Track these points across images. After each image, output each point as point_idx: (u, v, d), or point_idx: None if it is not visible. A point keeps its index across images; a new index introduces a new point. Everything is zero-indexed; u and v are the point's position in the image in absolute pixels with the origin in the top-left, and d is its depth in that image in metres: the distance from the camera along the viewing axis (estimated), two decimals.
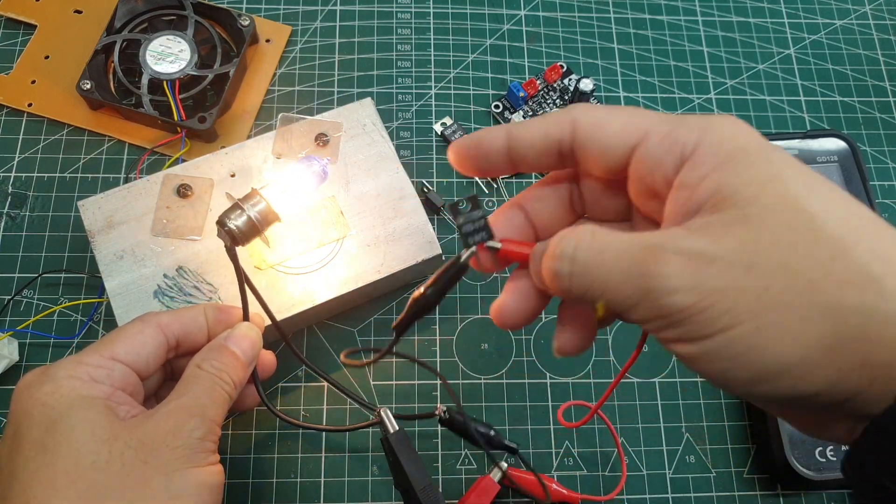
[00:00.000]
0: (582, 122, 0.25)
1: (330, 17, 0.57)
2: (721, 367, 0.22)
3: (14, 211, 0.50)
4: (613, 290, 0.23)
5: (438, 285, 0.29)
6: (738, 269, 0.21)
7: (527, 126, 0.27)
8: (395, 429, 0.39)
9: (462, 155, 0.29)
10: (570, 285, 0.24)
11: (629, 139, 0.24)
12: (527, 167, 0.28)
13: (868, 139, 0.56)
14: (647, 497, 0.45)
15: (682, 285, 0.21)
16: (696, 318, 0.21)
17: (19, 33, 0.55)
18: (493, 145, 0.27)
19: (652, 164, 0.24)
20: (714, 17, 0.59)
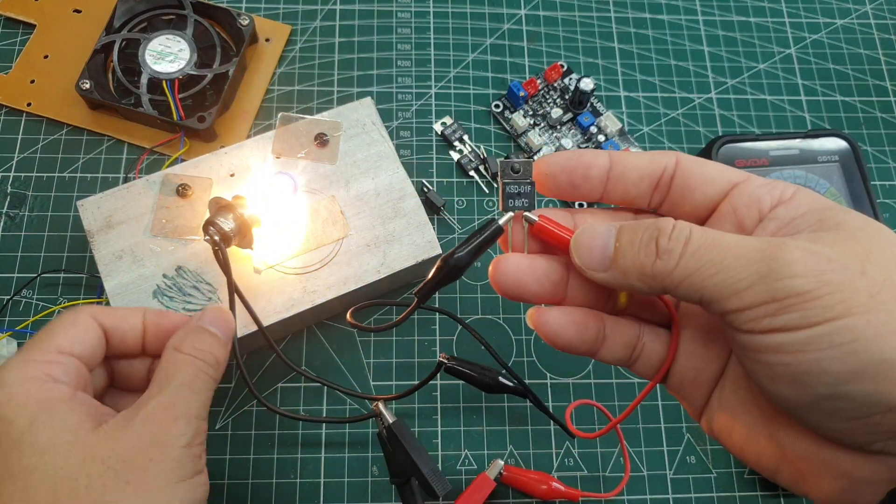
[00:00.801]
0: (686, 157, 0.28)
1: (330, 16, 0.57)
2: (820, 357, 0.22)
3: (13, 211, 0.49)
4: (727, 271, 0.23)
5: (471, 248, 0.28)
6: (853, 271, 0.22)
7: (631, 152, 0.29)
8: (394, 419, 0.40)
9: (560, 167, 0.29)
10: (676, 265, 0.24)
11: (732, 178, 0.27)
12: (619, 193, 0.29)
13: (869, 139, 0.56)
14: (647, 497, 0.45)
15: (805, 271, 0.22)
16: (811, 304, 0.22)
17: (18, 32, 0.55)
18: (597, 161, 0.28)
19: (750, 199, 0.27)
20: (715, 17, 0.59)
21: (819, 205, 0.25)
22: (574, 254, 0.27)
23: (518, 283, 0.28)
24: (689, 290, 0.24)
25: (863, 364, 0.22)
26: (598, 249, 0.26)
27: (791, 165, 0.51)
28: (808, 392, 0.23)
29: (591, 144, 0.53)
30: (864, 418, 0.22)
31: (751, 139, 0.52)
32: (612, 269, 0.26)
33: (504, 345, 0.48)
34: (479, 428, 0.46)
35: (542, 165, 0.29)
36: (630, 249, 0.25)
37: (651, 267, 0.25)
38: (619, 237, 0.26)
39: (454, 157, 0.53)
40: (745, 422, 0.27)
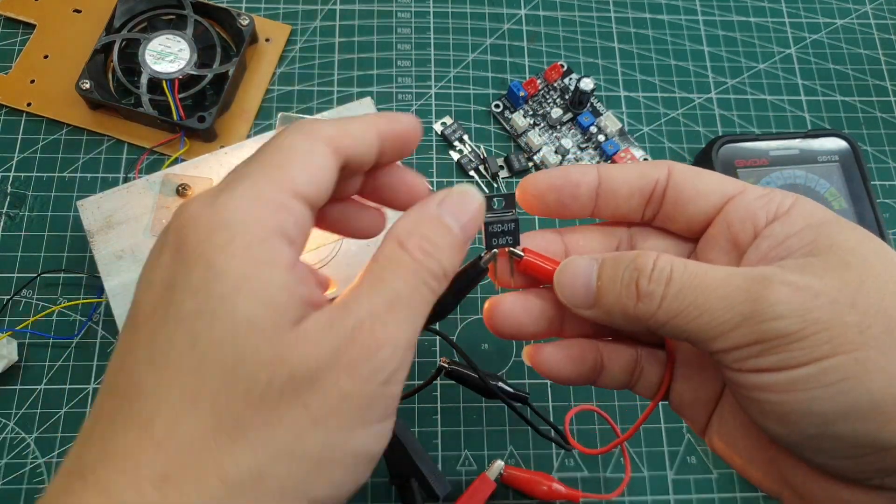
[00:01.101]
0: (678, 168, 0.27)
1: (329, 16, 0.57)
2: (808, 397, 0.21)
3: (13, 211, 0.49)
4: (710, 313, 0.23)
5: (454, 289, 0.26)
6: (842, 305, 0.21)
7: (620, 166, 0.28)
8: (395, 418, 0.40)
9: (547, 186, 0.28)
10: (658, 307, 0.23)
11: (727, 190, 0.26)
12: (610, 209, 0.28)
13: (869, 139, 0.56)
14: (648, 498, 0.45)
15: (790, 312, 0.21)
16: (797, 345, 0.21)
17: (18, 32, 0.55)
18: (585, 178, 0.27)
19: (744, 214, 0.26)
20: (715, 17, 0.59)
21: (816, 219, 0.24)
22: (558, 291, 0.26)
23: (515, 324, 0.28)
24: (675, 331, 0.24)
25: (851, 404, 0.21)
26: (580, 287, 0.26)
27: (791, 165, 0.51)
28: (797, 431, 0.22)
29: (591, 144, 0.53)
30: (857, 458, 0.22)
31: (751, 139, 0.52)
32: (596, 307, 0.25)
33: (504, 346, 0.48)
34: (479, 428, 0.46)
35: (528, 186, 0.28)
36: (612, 289, 0.25)
37: (633, 309, 0.24)
38: (600, 274, 0.25)
39: (454, 157, 0.53)
40: (746, 446, 0.26)
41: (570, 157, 0.53)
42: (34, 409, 0.44)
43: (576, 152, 0.53)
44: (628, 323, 0.25)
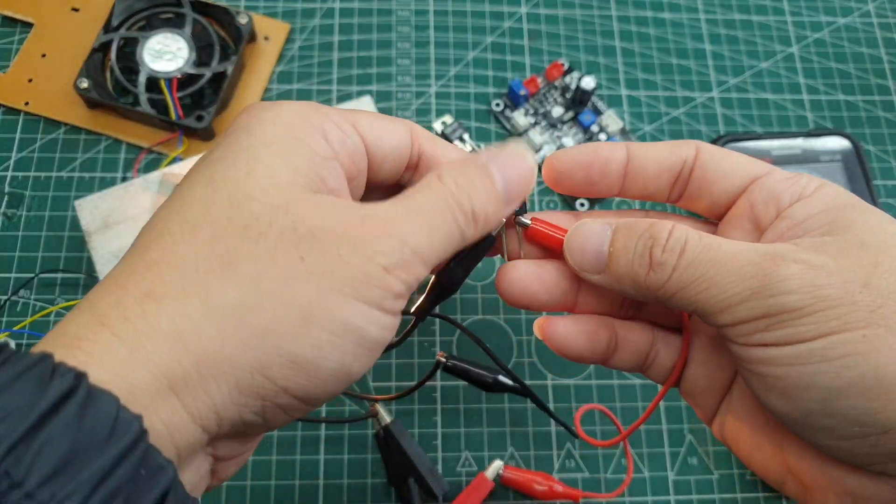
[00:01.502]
0: (706, 148, 0.27)
1: (329, 14, 0.57)
2: (811, 370, 0.21)
3: (10, 210, 0.49)
4: (720, 286, 0.22)
5: (463, 260, 0.26)
6: (854, 284, 0.21)
7: (649, 144, 0.27)
8: (391, 419, 0.40)
9: (575, 163, 0.27)
10: (669, 278, 0.23)
11: (754, 170, 0.26)
12: (637, 188, 0.28)
13: (872, 138, 0.55)
14: (649, 499, 0.45)
15: (800, 287, 0.21)
16: (806, 320, 0.21)
17: (16, 31, 0.54)
18: (615, 155, 0.27)
19: (769, 195, 0.26)
20: (717, 15, 0.59)
21: (838, 202, 0.24)
22: (567, 254, 0.26)
23: (526, 293, 0.27)
24: (682, 302, 0.24)
25: (855, 379, 0.21)
26: (591, 251, 0.25)
27: (793, 165, 0.51)
28: (800, 406, 0.22)
29: None
30: (860, 438, 0.22)
31: (753, 138, 0.52)
32: (606, 273, 0.25)
33: (504, 346, 0.48)
34: (479, 429, 0.46)
35: (555, 162, 0.28)
36: (624, 256, 0.25)
37: (644, 278, 0.24)
38: (613, 241, 0.25)
39: None
40: (752, 431, 0.26)
41: None
42: None
43: None
44: (636, 291, 0.25)
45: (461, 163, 0.24)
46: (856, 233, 0.23)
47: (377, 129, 0.25)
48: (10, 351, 0.18)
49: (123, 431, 0.18)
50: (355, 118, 0.25)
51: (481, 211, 0.24)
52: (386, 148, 0.25)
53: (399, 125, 0.26)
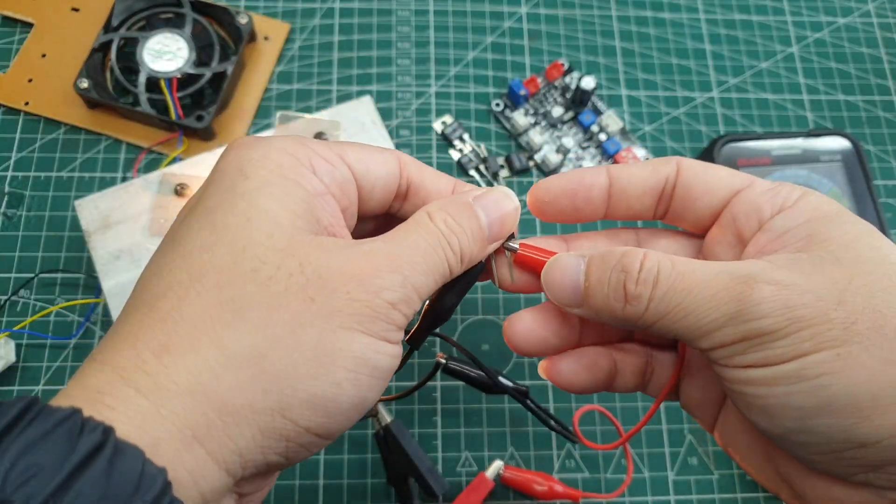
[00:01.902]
0: (686, 164, 0.27)
1: (329, 14, 0.57)
2: (787, 391, 0.22)
3: (10, 210, 0.49)
4: (696, 314, 0.23)
5: (455, 289, 0.27)
6: (828, 302, 0.22)
7: (629, 165, 0.28)
8: (391, 419, 0.40)
9: (560, 191, 0.28)
10: (646, 310, 0.24)
11: (735, 184, 0.27)
12: (622, 209, 0.28)
13: (872, 138, 0.55)
14: (649, 499, 0.45)
15: (773, 311, 0.22)
16: (781, 343, 0.22)
17: (16, 31, 0.54)
18: (597, 180, 0.27)
19: (750, 208, 0.26)
20: (717, 15, 0.59)
21: (819, 213, 0.24)
22: (546, 289, 0.26)
23: (536, 341, 0.28)
24: (662, 331, 0.24)
25: (828, 399, 0.21)
26: (568, 286, 0.26)
27: (794, 165, 0.51)
28: (779, 424, 0.22)
29: (592, 143, 0.53)
30: (838, 452, 0.22)
31: (753, 138, 0.51)
32: (585, 306, 0.25)
33: (504, 345, 0.47)
34: (479, 429, 0.46)
35: (539, 192, 0.28)
36: (599, 291, 0.25)
37: (621, 311, 0.24)
38: (587, 274, 0.25)
39: (454, 157, 0.53)
40: (746, 442, 0.27)
41: (571, 156, 0.53)
42: None
43: (577, 151, 0.53)
44: (616, 322, 0.25)
45: (450, 203, 0.26)
46: (831, 248, 0.23)
47: (365, 160, 0.26)
48: (40, 406, 0.18)
49: (149, 485, 0.18)
50: (342, 150, 0.25)
51: (468, 250, 0.25)
52: (374, 178, 0.26)
53: (386, 155, 0.26)
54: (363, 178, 0.26)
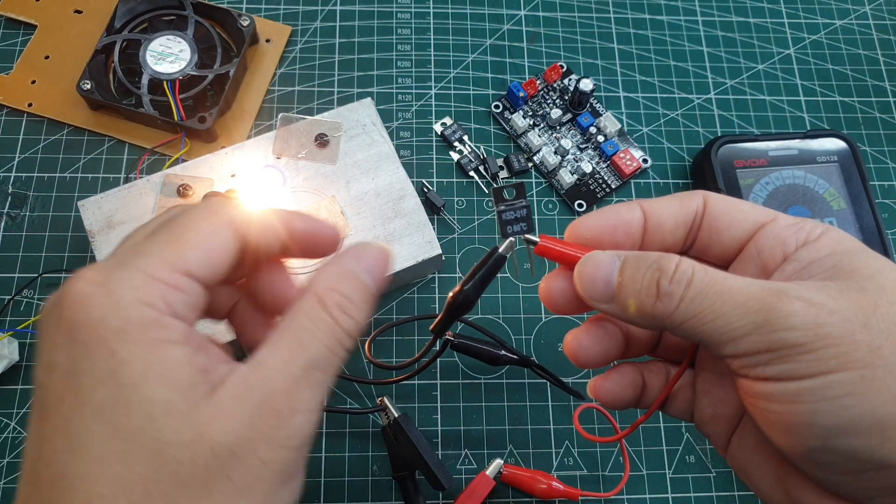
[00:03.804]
0: (713, 198, 0.28)
1: (330, 17, 0.57)
2: (811, 409, 0.22)
3: (14, 211, 0.50)
4: (725, 318, 0.23)
5: (476, 280, 0.28)
6: (854, 324, 0.22)
7: (660, 199, 0.28)
8: (400, 413, 0.41)
9: (602, 229, 0.28)
10: (676, 308, 0.24)
11: (759, 217, 0.27)
12: (657, 242, 0.28)
13: (868, 139, 0.56)
14: (647, 497, 0.45)
15: (803, 324, 0.22)
16: (807, 357, 0.22)
17: (19, 33, 0.55)
18: (633, 215, 0.28)
19: (775, 241, 0.27)
20: (714, 17, 0.59)
21: (842, 248, 0.25)
22: (577, 282, 0.27)
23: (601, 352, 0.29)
24: (688, 333, 0.24)
25: (854, 419, 0.22)
26: (601, 281, 0.26)
27: (790, 166, 0.51)
28: (801, 443, 0.23)
29: (590, 145, 0.54)
30: (858, 473, 0.22)
31: (750, 139, 0.52)
32: (614, 302, 0.26)
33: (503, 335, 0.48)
34: (479, 427, 0.46)
35: (581, 230, 0.28)
36: (632, 286, 0.25)
37: (651, 307, 0.25)
38: (622, 270, 0.26)
39: (454, 158, 0.53)
40: (756, 464, 0.27)
41: (570, 158, 0.53)
42: None
43: (575, 153, 0.53)
44: (643, 320, 0.25)
45: (335, 276, 0.25)
46: (856, 278, 0.24)
47: (200, 258, 0.24)
48: None
49: None
50: (185, 261, 0.24)
51: (362, 320, 0.25)
52: (221, 270, 0.25)
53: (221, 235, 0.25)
54: (211, 277, 0.25)
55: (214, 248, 0.24)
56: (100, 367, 0.22)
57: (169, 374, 0.22)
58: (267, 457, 0.22)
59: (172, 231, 0.24)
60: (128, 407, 0.22)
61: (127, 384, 0.22)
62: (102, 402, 0.22)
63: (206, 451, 0.22)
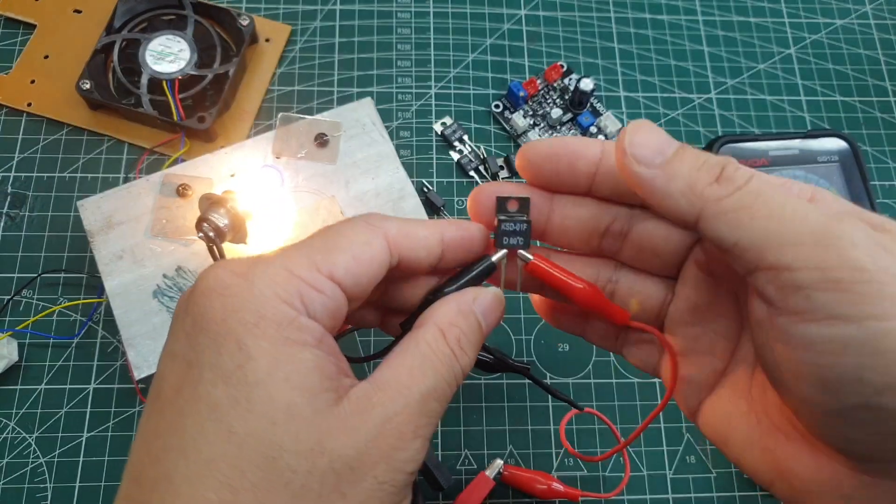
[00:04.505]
0: None
1: (329, 16, 0.57)
2: (859, 363, 0.19)
3: (13, 211, 0.49)
4: (779, 219, 0.21)
5: (458, 284, 0.26)
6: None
7: None
8: None
9: (546, 153, 0.26)
10: (731, 195, 0.22)
11: None
12: (608, 186, 0.26)
13: (869, 139, 0.56)
14: (647, 497, 0.45)
15: (866, 246, 0.20)
16: (865, 289, 0.19)
17: (18, 33, 0.55)
18: (588, 151, 0.26)
19: None
20: (715, 17, 0.59)
21: (835, 210, 0.23)
22: (626, 138, 0.24)
23: None
24: (730, 226, 0.22)
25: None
26: (654, 145, 0.23)
27: (791, 165, 0.51)
28: (837, 399, 0.20)
29: None
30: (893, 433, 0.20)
31: (751, 139, 0.52)
32: (663, 168, 0.23)
33: (503, 345, 0.48)
34: (478, 428, 0.46)
35: (528, 151, 0.27)
36: (691, 161, 0.23)
37: (704, 188, 0.22)
38: (680, 148, 0.24)
39: (454, 158, 0.53)
40: (742, 432, 0.25)
41: None
42: (35, 409, 0.44)
43: None
44: (685, 201, 0.23)
45: (457, 312, 0.25)
46: None
47: (352, 270, 0.23)
48: None
49: None
50: (331, 264, 0.23)
51: (473, 360, 0.25)
52: (365, 283, 0.24)
53: (374, 246, 0.24)
54: (353, 288, 0.24)
55: (364, 257, 0.24)
56: (225, 362, 0.21)
57: (297, 377, 0.21)
58: (384, 477, 0.22)
59: (324, 236, 0.24)
60: (248, 407, 0.21)
61: (250, 382, 0.21)
62: (220, 400, 0.21)
63: (323, 464, 0.21)
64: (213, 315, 0.21)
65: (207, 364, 0.21)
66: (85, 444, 0.44)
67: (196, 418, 0.21)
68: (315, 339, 0.22)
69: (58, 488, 0.43)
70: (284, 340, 0.21)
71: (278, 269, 0.22)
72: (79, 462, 0.43)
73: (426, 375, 0.23)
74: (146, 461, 0.21)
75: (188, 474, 0.20)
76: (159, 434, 0.21)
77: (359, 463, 0.21)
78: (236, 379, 0.21)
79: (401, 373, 0.23)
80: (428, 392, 0.23)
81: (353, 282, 0.23)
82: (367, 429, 0.22)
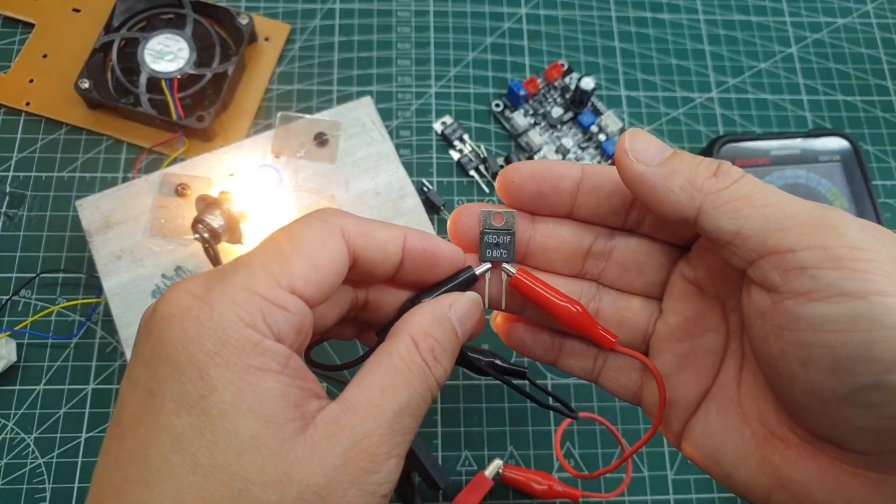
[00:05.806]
0: None
1: (329, 15, 0.57)
2: (868, 339, 0.19)
3: (12, 210, 0.49)
4: (777, 206, 0.22)
5: (440, 292, 0.26)
6: None
7: (605, 165, 0.28)
8: None
9: (527, 175, 0.27)
10: (728, 187, 0.23)
11: None
12: (589, 207, 0.27)
13: (870, 138, 0.56)
14: (648, 498, 0.45)
15: (856, 228, 0.21)
16: (865, 266, 0.20)
17: (17, 32, 0.54)
18: (569, 172, 0.26)
19: None
20: (716, 16, 0.59)
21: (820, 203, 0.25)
22: (625, 142, 0.24)
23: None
24: (731, 216, 0.22)
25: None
26: (652, 148, 0.24)
27: (792, 165, 0.51)
28: (847, 381, 0.20)
29: (591, 144, 0.53)
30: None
31: (752, 139, 0.52)
32: (663, 165, 0.24)
33: (503, 347, 0.48)
34: (479, 429, 0.46)
35: (509, 172, 0.27)
36: (689, 159, 0.24)
37: (703, 182, 0.23)
38: (676, 152, 0.24)
39: (454, 157, 0.53)
40: (733, 447, 0.25)
41: (571, 157, 0.53)
42: (33, 409, 0.44)
43: (576, 152, 0.53)
44: (685, 194, 0.23)
45: (431, 320, 0.25)
46: None
47: (310, 274, 0.23)
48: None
49: None
50: (290, 276, 0.22)
51: (449, 368, 0.25)
52: (328, 287, 0.23)
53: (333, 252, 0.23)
54: (315, 296, 0.23)
55: (323, 261, 0.23)
56: (187, 391, 0.20)
57: (261, 406, 0.21)
58: (355, 500, 0.21)
59: (279, 242, 0.23)
60: (212, 439, 0.20)
61: (214, 413, 0.20)
62: (184, 431, 0.20)
63: (292, 494, 0.20)
64: (173, 343, 0.21)
65: (169, 394, 0.21)
66: (84, 444, 0.44)
67: (159, 448, 0.20)
68: (279, 364, 0.21)
69: (56, 489, 0.43)
70: (247, 369, 0.21)
71: (238, 290, 0.21)
72: (77, 463, 0.43)
73: (398, 391, 0.23)
74: (108, 491, 0.21)
75: (148, 501, 0.20)
76: (120, 464, 0.21)
77: (328, 491, 0.21)
78: (200, 409, 0.20)
79: (372, 391, 0.22)
80: (401, 409, 0.22)
81: (314, 290, 0.23)
82: (336, 454, 0.21)
